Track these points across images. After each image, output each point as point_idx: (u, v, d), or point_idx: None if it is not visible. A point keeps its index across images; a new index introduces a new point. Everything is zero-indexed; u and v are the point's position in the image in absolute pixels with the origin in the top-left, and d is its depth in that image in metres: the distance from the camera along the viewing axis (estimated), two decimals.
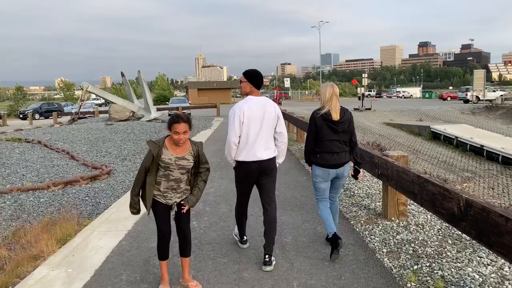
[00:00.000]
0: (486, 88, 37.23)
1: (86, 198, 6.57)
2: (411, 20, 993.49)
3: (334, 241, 3.87)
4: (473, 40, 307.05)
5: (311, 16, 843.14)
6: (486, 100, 36.54)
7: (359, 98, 35.22)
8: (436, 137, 25.06)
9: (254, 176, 3.74)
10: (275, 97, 38.07)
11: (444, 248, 4.09)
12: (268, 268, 3.65)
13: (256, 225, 4.80)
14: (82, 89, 19.13)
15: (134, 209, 3.26)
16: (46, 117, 36.11)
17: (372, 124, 28.86)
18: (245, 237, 4.21)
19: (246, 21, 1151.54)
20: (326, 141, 3.92)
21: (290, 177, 7.51)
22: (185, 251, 3.37)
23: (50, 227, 5.02)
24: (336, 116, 3.90)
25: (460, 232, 4.35)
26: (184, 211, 3.24)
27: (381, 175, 5.01)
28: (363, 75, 33.54)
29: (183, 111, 29.25)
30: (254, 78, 3.72)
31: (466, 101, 42.41)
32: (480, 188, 16.79)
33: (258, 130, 3.66)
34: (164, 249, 3.31)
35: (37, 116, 37.89)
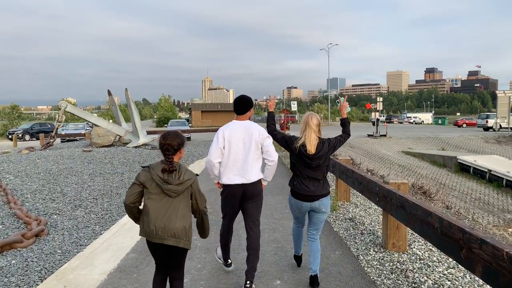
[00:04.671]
0: (511, 115, 34.42)
1: None
2: (417, 45, 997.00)
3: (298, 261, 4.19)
4: (480, 66, 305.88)
5: (317, 41, 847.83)
6: (511, 128, 33.78)
7: (374, 124, 32.65)
8: (464, 169, 22.23)
9: (238, 199, 3.69)
10: (282, 121, 35.26)
11: None
12: None
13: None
14: (60, 109, 16.60)
15: None
16: (38, 138, 33.73)
17: (390, 153, 26.12)
18: (229, 260, 4.11)
19: (252, 45, 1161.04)
20: (299, 175, 3.73)
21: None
22: None
23: None
24: (310, 149, 3.63)
25: None
26: None
27: None
28: (378, 99, 30.86)
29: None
30: (234, 105, 3.75)
31: (486, 128, 39.72)
32: None
33: (239, 153, 3.61)
34: None
35: (27, 137, 35.49)
